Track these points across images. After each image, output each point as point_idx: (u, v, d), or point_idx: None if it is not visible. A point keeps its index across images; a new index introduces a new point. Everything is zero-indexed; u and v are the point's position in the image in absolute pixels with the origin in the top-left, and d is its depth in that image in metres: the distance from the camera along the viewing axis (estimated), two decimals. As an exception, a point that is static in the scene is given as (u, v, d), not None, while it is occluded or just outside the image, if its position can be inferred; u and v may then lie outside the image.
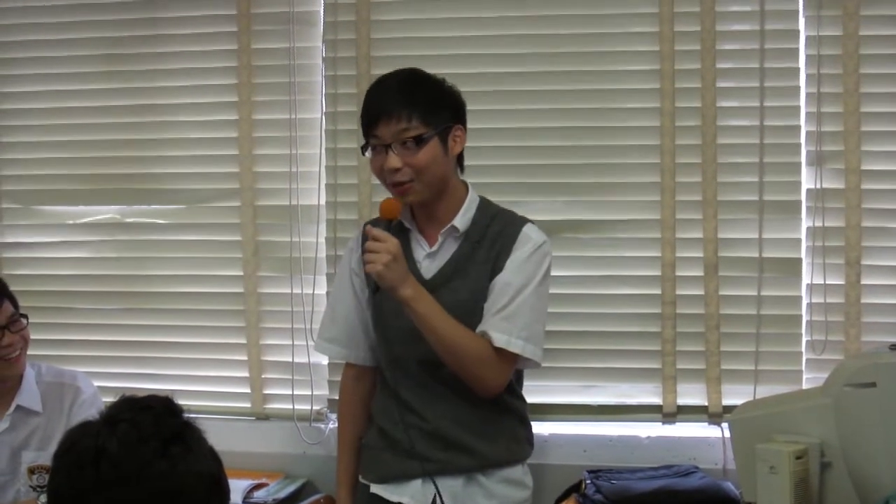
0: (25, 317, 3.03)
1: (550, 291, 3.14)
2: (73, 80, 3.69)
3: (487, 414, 2.64)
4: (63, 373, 3.16)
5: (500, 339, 2.53)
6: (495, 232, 2.62)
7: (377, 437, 2.73)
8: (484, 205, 2.69)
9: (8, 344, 2.96)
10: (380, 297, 2.60)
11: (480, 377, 2.56)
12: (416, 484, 2.63)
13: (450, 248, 2.64)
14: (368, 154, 2.61)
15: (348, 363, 2.85)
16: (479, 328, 2.55)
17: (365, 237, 2.68)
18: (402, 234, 2.66)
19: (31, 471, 2.97)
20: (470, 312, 2.56)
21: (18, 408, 3.03)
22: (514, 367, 2.61)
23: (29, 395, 3.04)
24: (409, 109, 2.52)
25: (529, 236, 2.62)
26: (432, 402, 2.62)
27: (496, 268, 2.59)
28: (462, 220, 2.63)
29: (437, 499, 2.59)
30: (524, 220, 2.67)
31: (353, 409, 2.83)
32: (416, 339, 2.57)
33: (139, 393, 1.74)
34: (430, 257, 2.64)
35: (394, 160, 2.52)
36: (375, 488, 2.70)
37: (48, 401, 3.07)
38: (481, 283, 2.59)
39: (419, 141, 2.52)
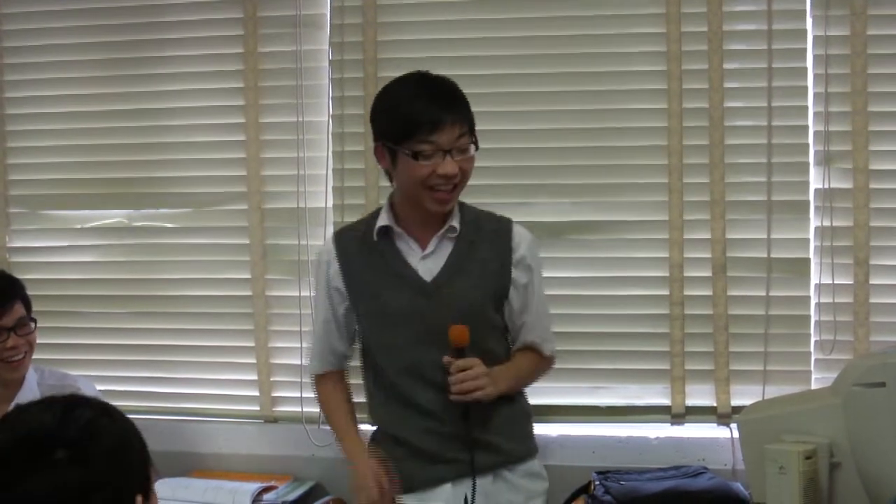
0: (35, 321, 3.01)
1: (559, 293, 3.18)
2: (80, 85, 3.70)
3: (504, 411, 2.66)
4: (66, 377, 3.14)
5: (550, 349, 2.76)
6: (490, 230, 2.65)
7: (394, 447, 2.68)
8: (465, 207, 2.69)
9: (12, 346, 2.94)
10: (381, 305, 2.61)
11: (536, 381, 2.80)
12: (447, 488, 2.62)
13: (446, 249, 2.63)
14: (420, 160, 2.52)
15: (320, 375, 2.81)
16: (527, 339, 2.72)
17: (343, 250, 2.68)
18: (385, 237, 2.64)
19: None
20: (475, 311, 2.58)
21: (17, 407, 2.99)
22: None
23: (28, 397, 2.94)
24: (463, 116, 2.53)
25: (522, 233, 2.69)
26: (451, 404, 2.59)
27: (504, 267, 2.63)
28: (455, 221, 2.63)
29: (470, 499, 2.59)
30: (508, 219, 2.73)
31: (348, 405, 2.81)
32: (428, 342, 2.56)
33: (148, 396, 1.72)
34: (426, 259, 2.62)
35: (452, 166, 2.50)
36: (404, 498, 2.67)
37: None
38: (486, 281, 2.61)
39: (473, 147, 2.56)
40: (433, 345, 2.55)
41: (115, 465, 1.49)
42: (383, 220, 2.63)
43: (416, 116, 2.49)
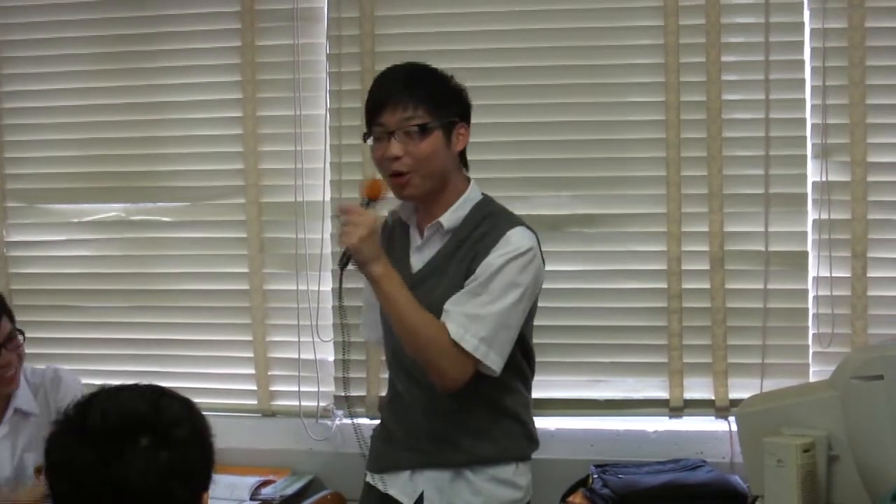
0: (22, 333, 2.90)
1: (557, 286, 3.15)
2: (77, 78, 3.70)
3: (478, 410, 2.60)
4: (40, 372, 3.04)
5: (455, 332, 2.44)
6: (480, 233, 2.56)
7: (380, 429, 2.76)
8: (483, 204, 2.62)
9: (5, 363, 2.84)
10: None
11: (439, 369, 2.47)
12: (405, 476, 2.62)
13: (435, 245, 2.60)
14: (370, 143, 2.59)
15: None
16: (442, 318, 2.48)
17: (387, 226, 2.68)
18: (402, 227, 2.66)
19: (38, 470, 2.90)
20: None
21: (16, 411, 2.94)
22: (473, 367, 2.47)
23: (25, 398, 2.95)
24: (416, 99, 2.51)
25: (510, 240, 2.51)
26: (422, 396, 2.60)
27: (470, 269, 2.52)
28: (450, 217, 2.58)
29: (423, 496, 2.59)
30: (513, 224, 2.56)
31: None
32: None
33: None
34: (418, 252, 2.62)
35: (395, 148, 2.50)
36: (369, 477, 2.72)
37: (39, 399, 2.98)
38: (457, 284, 2.52)
39: (423, 130, 2.50)
40: None
41: (194, 450, 1.58)
42: (403, 208, 2.65)
43: (368, 99, 2.59)
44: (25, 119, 3.74)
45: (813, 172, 3.28)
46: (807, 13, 3.27)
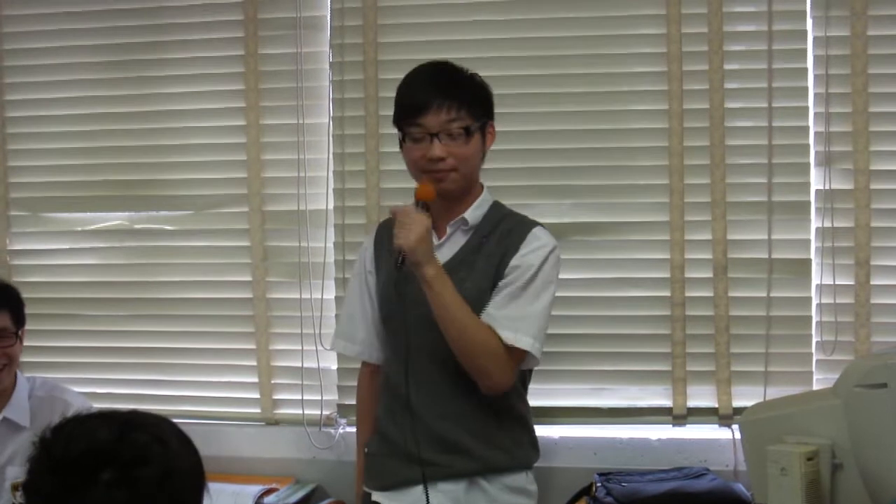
0: (19, 336, 2.97)
1: (560, 294, 3.14)
2: (81, 87, 3.70)
3: (491, 417, 2.61)
4: (55, 387, 3.11)
5: (509, 337, 2.51)
6: (505, 229, 2.62)
7: (379, 443, 2.70)
8: (498, 205, 2.69)
9: None
10: (401, 284, 2.57)
11: (487, 371, 2.52)
12: (418, 490, 2.57)
13: (458, 241, 2.63)
14: (408, 143, 2.58)
15: (364, 362, 2.84)
16: (487, 321, 2.52)
17: (379, 234, 2.70)
18: None
19: (15, 487, 2.83)
20: (474, 306, 2.53)
21: (5, 420, 2.96)
22: (519, 366, 2.57)
23: (17, 409, 2.98)
24: (459, 101, 2.54)
25: (538, 237, 2.61)
26: (436, 400, 2.59)
27: (502, 264, 2.57)
28: (473, 213, 2.63)
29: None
30: (535, 223, 2.66)
31: (371, 408, 2.79)
32: (432, 329, 2.53)
33: (149, 399, 1.72)
34: (438, 249, 2.61)
35: (440, 149, 2.52)
36: (377, 496, 2.67)
37: (37, 415, 2.98)
38: (487, 277, 2.57)
39: (467, 132, 2.54)
40: (429, 333, 2.53)
41: (161, 493, 1.47)
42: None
43: (407, 99, 2.59)
44: (29, 128, 3.75)
45: (816, 180, 3.28)
46: (809, 22, 3.27)
